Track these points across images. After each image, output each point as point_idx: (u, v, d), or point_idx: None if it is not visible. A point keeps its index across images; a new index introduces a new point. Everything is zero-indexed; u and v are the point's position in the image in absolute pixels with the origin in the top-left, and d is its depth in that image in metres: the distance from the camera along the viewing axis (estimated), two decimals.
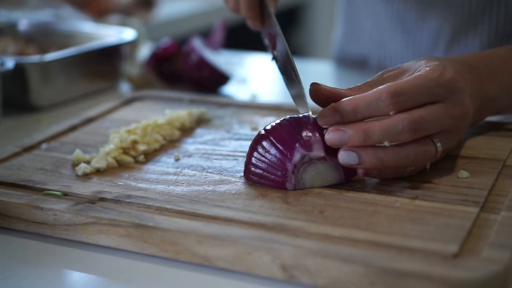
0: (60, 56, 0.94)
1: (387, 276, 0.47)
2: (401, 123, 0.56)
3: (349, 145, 0.57)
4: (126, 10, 1.52)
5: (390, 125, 0.56)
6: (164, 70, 1.01)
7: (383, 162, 0.56)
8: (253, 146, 0.61)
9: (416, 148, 0.57)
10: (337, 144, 0.57)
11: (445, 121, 0.58)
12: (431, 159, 0.59)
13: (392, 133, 0.56)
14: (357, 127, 0.56)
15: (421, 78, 0.58)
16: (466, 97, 0.60)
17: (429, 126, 0.57)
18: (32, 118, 0.91)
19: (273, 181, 0.60)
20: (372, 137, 0.56)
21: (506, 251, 0.48)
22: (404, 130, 0.56)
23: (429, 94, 0.58)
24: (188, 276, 0.52)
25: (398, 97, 0.56)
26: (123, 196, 0.59)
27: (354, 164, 0.57)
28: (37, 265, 0.55)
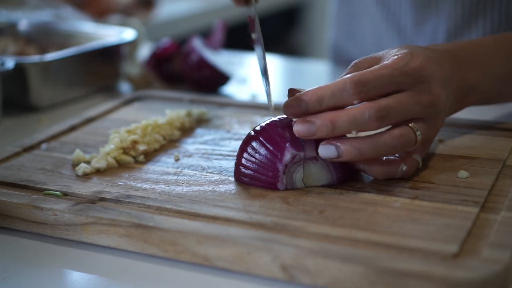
0: (60, 56, 0.94)
1: (387, 276, 0.47)
2: (367, 112, 0.56)
3: (317, 136, 0.57)
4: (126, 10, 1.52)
5: (356, 114, 0.56)
6: (164, 70, 1.01)
7: (362, 152, 0.56)
8: (243, 147, 0.61)
9: (393, 135, 0.57)
10: (306, 135, 0.57)
11: (413, 108, 0.58)
12: (411, 145, 0.58)
13: (359, 122, 0.56)
14: (324, 117, 0.56)
15: (386, 67, 0.58)
16: (436, 85, 0.60)
17: (396, 114, 0.57)
18: (32, 118, 0.91)
19: (264, 182, 0.60)
20: (339, 127, 0.56)
21: (506, 251, 0.48)
22: (370, 118, 0.56)
23: (394, 83, 0.58)
24: (188, 276, 0.52)
25: (362, 86, 0.56)
26: (123, 196, 0.59)
27: (334, 157, 0.57)
28: (37, 265, 0.55)
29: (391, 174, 0.59)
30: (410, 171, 0.60)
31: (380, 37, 0.99)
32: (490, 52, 0.69)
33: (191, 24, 1.95)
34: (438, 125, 0.61)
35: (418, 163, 0.60)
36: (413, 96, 0.58)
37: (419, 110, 0.58)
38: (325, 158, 0.57)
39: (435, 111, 0.60)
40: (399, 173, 0.59)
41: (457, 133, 0.71)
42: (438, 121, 0.61)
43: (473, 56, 0.67)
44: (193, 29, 1.85)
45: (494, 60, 0.69)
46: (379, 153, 0.57)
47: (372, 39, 1.01)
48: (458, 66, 0.65)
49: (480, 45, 0.70)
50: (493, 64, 0.68)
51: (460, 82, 0.65)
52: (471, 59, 0.67)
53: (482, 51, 0.69)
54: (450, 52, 0.65)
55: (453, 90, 0.63)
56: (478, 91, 0.67)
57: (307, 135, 0.57)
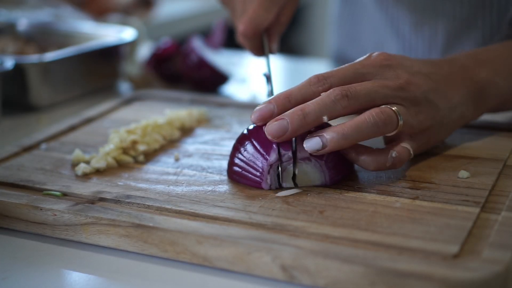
0: (59, 56, 0.94)
1: (387, 277, 0.47)
2: (332, 92, 0.58)
3: (290, 130, 0.57)
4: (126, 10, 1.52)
5: (322, 97, 0.58)
6: (164, 70, 1.01)
7: (345, 135, 0.56)
8: (235, 145, 0.62)
9: (373, 112, 0.57)
10: (280, 133, 0.57)
11: (379, 90, 0.59)
12: (393, 124, 0.58)
13: (326, 104, 0.57)
14: (293, 109, 0.58)
15: (349, 64, 0.61)
16: (403, 72, 0.61)
17: (363, 93, 0.58)
18: (31, 118, 0.91)
19: (250, 180, 0.60)
20: (309, 113, 0.57)
21: (507, 252, 0.48)
22: (336, 97, 0.57)
23: (356, 74, 0.60)
24: (188, 276, 0.52)
25: (325, 79, 0.59)
26: (123, 196, 0.59)
27: (320, 147, 0.57)
28: (36, 265, 0.55)
29: (381, 163, 0.58)
30: (401, 160, 0.59)
31: (381, 40, 0.99)
32: (500, 53, 0.69)
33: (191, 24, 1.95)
34: (420, 115, 0.60)
35: (408, 150, 0.59)
36: (378, 81, 0.60)
37: (387, 92, 0.59)
38: (312, 151, 0.57)
39: (410, 97, 0.60)
40: (389, 161, 0.58)
41: (458, 133, 0.70)
42: (420, 111, 0.60)
43: (481, 58, 0.68)
44: (193, 29, 1.85)
45: (505, 59, 0.69)
46: (362, 132, 0.57)
47: (372, 42, 1.01)
48: (463, 68, 0.65)
49: (486, 50, 0.70)
50: (504, 63, 0.68)
51: (470, 81, 0.65)
52: (479, 61, 0.67)
53: (490, 54, 0.69)
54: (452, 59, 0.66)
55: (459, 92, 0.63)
56: (496, 89, 0.67)
57: (281, 132, 0.57)
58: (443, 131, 0.64)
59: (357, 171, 0.62)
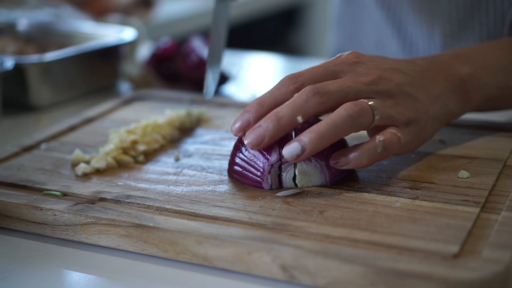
0: (59, 56, 0.94)
1: (387, 276, 0.47)
2: (304, 91, 0.57)
3: (268, 137, 0.57)
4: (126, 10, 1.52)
5: (294, 98, 0.57)
6: (164, 70, 1.01)
7: (322, 133, 0.56)
8: (236, 145, 0.62)
9: (346, 106, 0.57)
10: (258, 141, 0.57)
11: (351, 84, 0.58)
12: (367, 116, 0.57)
13: (299, 104, 0.57)
14: (268, 115, 0.58)
15: (321, 63, 0.61)
16: (373, 68, 0.60)
17: (333, 88, 0.58)
18: (31, 118, 0.91)
19: (251, 180, 0.60)
20: (283, 116, 0.57)
21: (507, 252, 0.48)
22: (308, 96, 0.57)
23: (328, 72, 0.60)
24: (188, 276, 0.52)
25: (296, 78, 0.59)
26: (123, 196, 0.59)
27: (300, 152, 0.56)
28: (36, 265, 0.55)
29: (372, 152, 0.57)
30: (390, 142, 0.58)
31: (382, 38, 0.99)
32: (485, 49, 0.69)
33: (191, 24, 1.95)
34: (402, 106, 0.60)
35: (395, 133, 0.58)
36: (349, 77, 0.60)
37: (360, 87, 0.59)
38: (292, 157, 0.56)
39: (383, 89, 0.59)
40: (379, 146, 0.57)
41: (458, 133, 0.70)
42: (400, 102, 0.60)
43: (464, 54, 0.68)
44: (193, 29, 1.85)
45: (490, 55, 0.69)
46: (339, 127, 0.56)
47: (373, 42, 1.01)
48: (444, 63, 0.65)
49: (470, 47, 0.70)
50: (489, 57, 0.68)
51: (451, 75, 0.65)
52: (462, 56, 0.67)
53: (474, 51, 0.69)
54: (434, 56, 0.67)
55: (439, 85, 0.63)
56: (480, 84, 0.66)
57: (259, 139, 0.57)
58: (431, 123, 0.62)
59: (357, 171, 0.62)
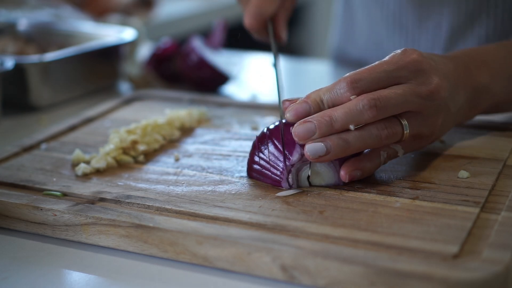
0: (59, 56, 0.94)
1: (387, 277, 0.47)
2: (361, 102, 0.56)
3: (317, 134, 0.57)
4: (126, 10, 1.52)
5: (350, 106, 0.57)
6: (164, 70, 1.01)
7: (349, 144, 0.56)
8: (256, 143, 0.62)
9: (378, 125, 0.57)
10: (307, 135, 0.57)
11: (409, 99, 0.58)
12: (396, 138, 0.58)
13: (354, 113, 0.56)
14: (322, 114, 0.57)
15: (380, 63, 0.59)
16: (435, 77, 0.59)
17: (391, 102, 0.57)
18: (31, 118, 0.91)
19: (270, 179, 0.60)
20: (336, 120, 0.56)
21: (507, 252, 0.48)
22: (364, 107, 0.56)
23: (390, 77, 0.58)
24: (188, 276, 0.52)
25: (356, 82, 0.57)
26: (123, 196, 0.59)
27: (323, 154, 0.56)
28: (37, 265, 0.55)
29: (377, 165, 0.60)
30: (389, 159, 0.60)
31: (380, 37, 0.99)
32: (497, 55, 0.69)
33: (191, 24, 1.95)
34: (436, 123, 0.61)
35: (396, 152, 0.60)
36: (410, 87, 0.58)
37: (417, 101, 0.58)
38: (314, 156, 0.57)
39: (434, 105, 0.60)
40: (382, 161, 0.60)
41: (458, 133, 0.70)
42: (437, 119, 0.61)
43: (480, 60, 0.67)
44: (193, 29, 1.85)
45: (502, 62, 0.69)
46: (365, 142, 0.57)
47: (371, 40, 1.01)
48: (463, 68, 0.65)
49: (485, 50, 0.70)
50: (502, 65, 0.68)
51: (470, 84, 0.65)
52: (479, 62, 0.67)
53: (488, 55, 0.69)
54: (456, 57, 0.66)
55: (462, 94, 0.63)
56: (490, 94, 0.67)
57: (308, 134, 0.57)
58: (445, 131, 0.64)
59: None
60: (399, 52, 0.60)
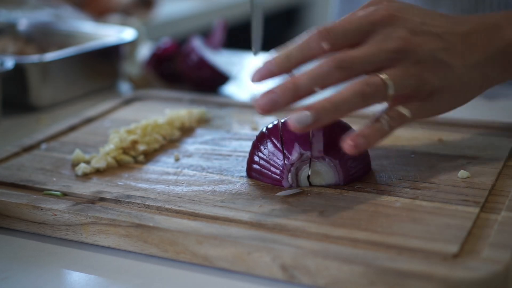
0: (59, 56, 0.94)
1: (387, 276, 0.47)
2: (326, 64, 0.54)
3: (281, 103, 0.54)
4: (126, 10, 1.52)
5: (316, 69, 0.54)
6: (164, 70, 1.01)
7: (335, 104, 0.53)
8: (255, 143, 0.62)
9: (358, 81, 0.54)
10: (271, 107, 0.54)
11: (377, 55, 0.55)
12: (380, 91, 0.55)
13: (320, 75, 0.54)
14: (285, 82, 0.54)
15: (354, 16, 0.58)
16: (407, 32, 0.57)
17: (356, 62, 0.55)
18: (31, 118, 0.91)
19: (270, 178, 0.60)
20: (301, 85, 0.54)
21: (507, 251, 0.48)
22: (330, 69, 0.54)
23: (360, 32, 0.56)
24: (188, 276, 0.52)
25: (327, 33, 0.55)
26: (123, 196, 0.59)
27: (310, 122, 0.53)
28: (37, 265, 0.55)
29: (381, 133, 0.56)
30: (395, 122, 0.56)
31: None
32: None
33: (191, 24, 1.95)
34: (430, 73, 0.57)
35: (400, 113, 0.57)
36: (376, 43, 0.56)
37: (387, 56, 0.56)
38: (301, 127, 0.53)
39: (411, 57, 0.57)
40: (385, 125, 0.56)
41: (458, 133, 0.70)
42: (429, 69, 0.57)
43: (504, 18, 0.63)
44: (193, 29, 1.85)
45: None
46: (350, 101, 0.54)
47: None
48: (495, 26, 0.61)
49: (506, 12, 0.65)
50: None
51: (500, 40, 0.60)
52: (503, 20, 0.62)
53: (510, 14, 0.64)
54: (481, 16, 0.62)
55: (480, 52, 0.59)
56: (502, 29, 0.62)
57: (272, 106, 0.54)
58: (465, 91, 0.60)
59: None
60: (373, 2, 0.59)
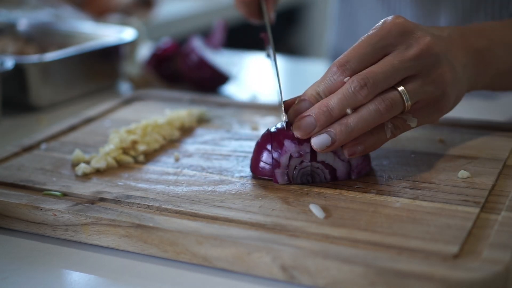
0: (59, 56, 0.94)
1: (387, 277, 0.47)
2: (351, 84, 0.56)
3: (318, 125, 0.57)
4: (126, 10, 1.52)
5: (343, 91, 0.57)
6: (164, 70, 1.01)
7: (352, 127, 0.57)
8: (260, 143, 0.62)
9: (376, 101, 0.57)
10: (308, 130, 0.58)
11: (399, 66, 0.57)
12: (398, 108, 0.57)
13: (347, 96, 0.56)
14: (318, 105, 0.57)
15: (364, 38, 0.58)
16: (420, 33, 0.59)
17: (380, 77, 0.56)
18: (31, 118, 0.91)
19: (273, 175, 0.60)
20: (333, 108, 0.57)
21: (507, 252, 0.48)
22: (355, 89, 0.56)
23: (377, 49, 0.58)
24: (188, 276, 0.52)
25: (345, 65, 0.57)
26: (123, 196, 0.59)
27: (329, 143, 0.57)
28: (37, 265, 0.55)
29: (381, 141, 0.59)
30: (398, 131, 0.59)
31: None
32: (496, 26, 0.69)
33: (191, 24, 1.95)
34: (441, 79, 0.59)
35: (405, 122, 0.59)
36: (398, 54, 0.58)
37: (408, 65, 0.58)
38: (321, 148, 0.58)
39: (427, 63, 0.58)
40: (387, 136, 0.59)
41: (458, 133, 0.70)
42: (440, 74, 0.59)
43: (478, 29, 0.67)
44: (193, 29, 1.85)
45: (501, 32, 0.68)
46: (367, 121, 0.57)
47: None
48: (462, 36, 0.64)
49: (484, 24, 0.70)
50: (501, 34, 0.68)
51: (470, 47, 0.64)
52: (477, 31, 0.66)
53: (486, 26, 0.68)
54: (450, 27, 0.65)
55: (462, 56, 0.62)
56: (494, 57, 0.66)
57: (309, 129, 0.58)
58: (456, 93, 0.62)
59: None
60: (380, 23, 0.59)
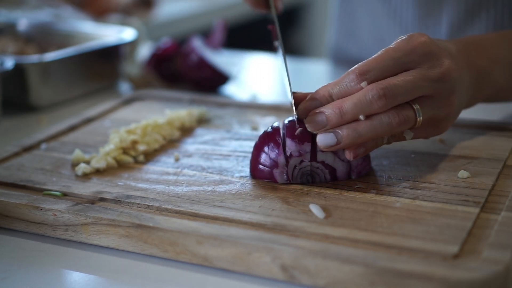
0: (59, 56, 0.94)
1: (387, 277, 0.47)
2: (370, 92, 0.56)
3: (329, 125, 0.57)
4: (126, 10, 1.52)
5: (360, 96, 0.56)
6: (164, 70, 1.01)
7: (360, 134, 0.56)
8: (258, 144, 0.62)
9: (389, 113, 0.57)
10: (318, 127, 0.57)
11: (420, 84, 0.57)
12: (409, 124, 0.58)
13: (363, 104, 0.56)
14: (332, 105, 0.57)
15: (387, 50, 0.58)
16: (445, 59, 0.59)
17: (400, 90, 0.56)
18: (31, 118, 0.91)
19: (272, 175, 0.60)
20: (346, 112, 0.56)
21: (507, 252, 0.48)
22: (373, 97, 0.56)
23: (398, 64, 0.57)
24: (188, 276, 0.52)
25: (365, 74, 0.57)
26: (123, 196, 0.59)
27: (334, 144, 0.57)
28: (37, 265, 0.55)
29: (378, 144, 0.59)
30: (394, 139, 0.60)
31: (381, 33, 0.99)
32: (495, 42, 0.69)
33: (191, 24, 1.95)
34: (451, 104, 0.60)
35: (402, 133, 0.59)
36: (420, 72, 0.57)
37: (428, 85, 0.58)
38: (325, 146, 0.57)
39: (446, 87, 0.59)
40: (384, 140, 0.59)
41: (458, 133, 0.70)
42: (452, 100, 0.60)
43: (480, 46, 0.67)
44: (193, 29, 1.85)
45: (500, 48, 0.69)
46: (377, 131, 0.57)
47: (373, 36, 1.01)
48: (465, 53, 0.64)
49: (484, 37, 0.70)
50: (500, 51, 0.68)
51: (473, 67, 0.64)
52: (479, 48, 0.67)
53: (487, 42, 0.69)
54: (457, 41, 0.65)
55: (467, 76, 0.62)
56: (491, 78, 0.67)
57: (319, 126, 0.57)
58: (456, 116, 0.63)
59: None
60: (405, 37, 0.59)
